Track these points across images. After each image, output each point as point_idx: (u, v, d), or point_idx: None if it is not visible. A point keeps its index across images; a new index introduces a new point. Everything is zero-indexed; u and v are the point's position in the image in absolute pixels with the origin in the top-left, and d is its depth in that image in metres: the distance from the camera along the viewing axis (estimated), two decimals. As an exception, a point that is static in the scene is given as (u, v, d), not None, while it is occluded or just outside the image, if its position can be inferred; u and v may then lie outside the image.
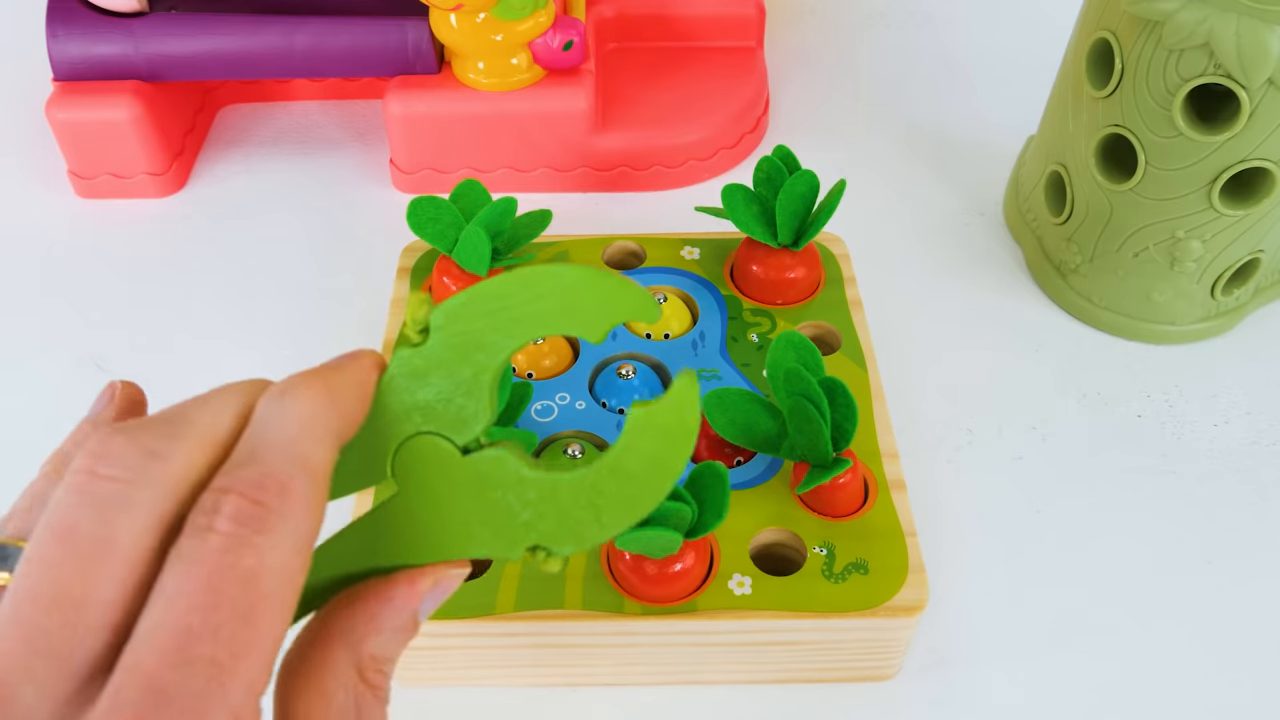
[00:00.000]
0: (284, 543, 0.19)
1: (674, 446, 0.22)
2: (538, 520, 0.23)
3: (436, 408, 0.23)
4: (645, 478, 0.23)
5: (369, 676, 0.21)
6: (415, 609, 0.22)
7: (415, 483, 0.23)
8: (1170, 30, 0.40)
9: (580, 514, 0.23)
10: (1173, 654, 0.38)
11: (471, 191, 0.43)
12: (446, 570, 0.23)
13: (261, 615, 0.18)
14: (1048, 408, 0.46)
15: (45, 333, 0.49)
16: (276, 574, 0.18)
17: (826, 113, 0.62)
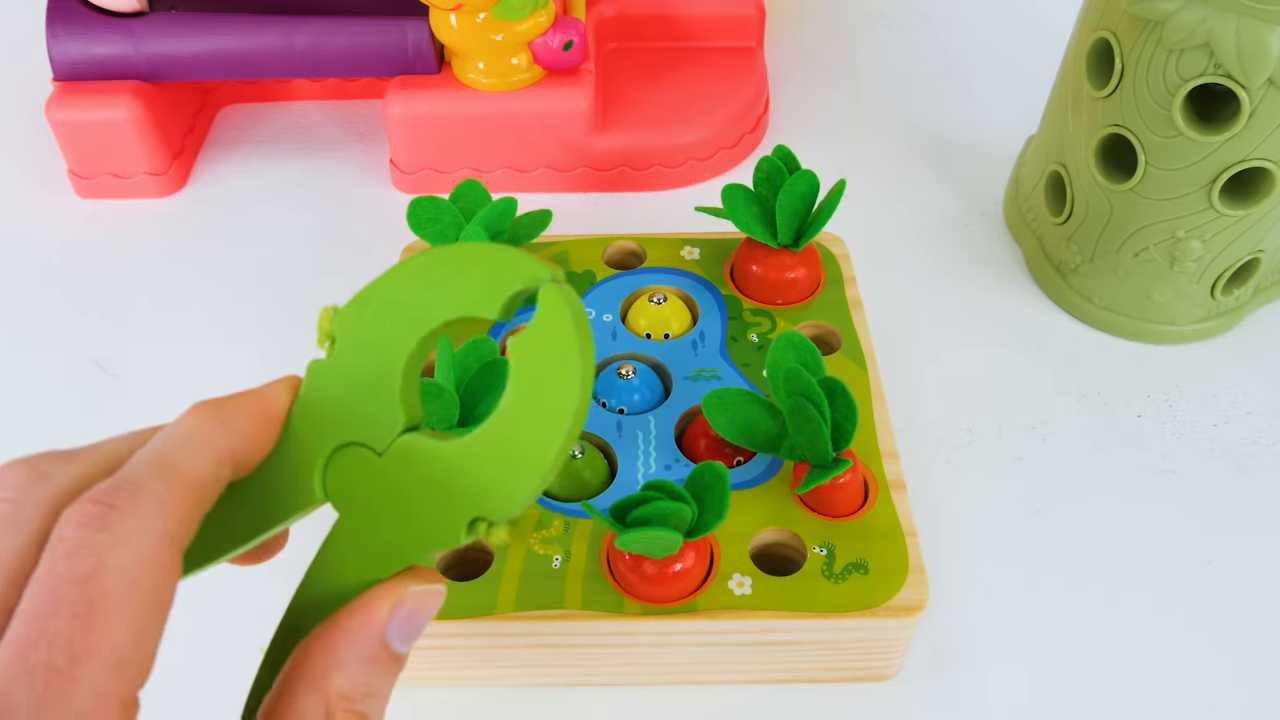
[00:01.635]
0: (130, 539, 0.18)
1: (559, 365, 0.21)
2: (466, 491, 0.22)
3: (354, 418, 0.22)
4: (544, 410, 0.21)
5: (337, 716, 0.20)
6: (379, 635, 0.21)
7: (349, 497, 0.22)
8: (1170, 30, 0.40)
9: (500, 469, 0.21)
10: (1173, 654, 0.38)
11: (471, 191, 0.43)
12: (406, 588, 0.22)
13: (101, 616, 0.17)
14: (1048, 408, 0.46)
15: (45, 333, 0.49)
16: (119, 571, 0.18)
17: (826, 113, 0.62)
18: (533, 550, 0.35)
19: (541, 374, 0.21)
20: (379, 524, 0.22)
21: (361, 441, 0.22)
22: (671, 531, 0.30)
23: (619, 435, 0.38)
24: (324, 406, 0.22)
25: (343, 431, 0.22)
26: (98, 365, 0.48)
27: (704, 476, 0.32)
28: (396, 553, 0.22)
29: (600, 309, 0.43)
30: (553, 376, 0.21)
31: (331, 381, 0.22)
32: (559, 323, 0.21)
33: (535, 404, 0.21)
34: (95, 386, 0.47)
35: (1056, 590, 0.40)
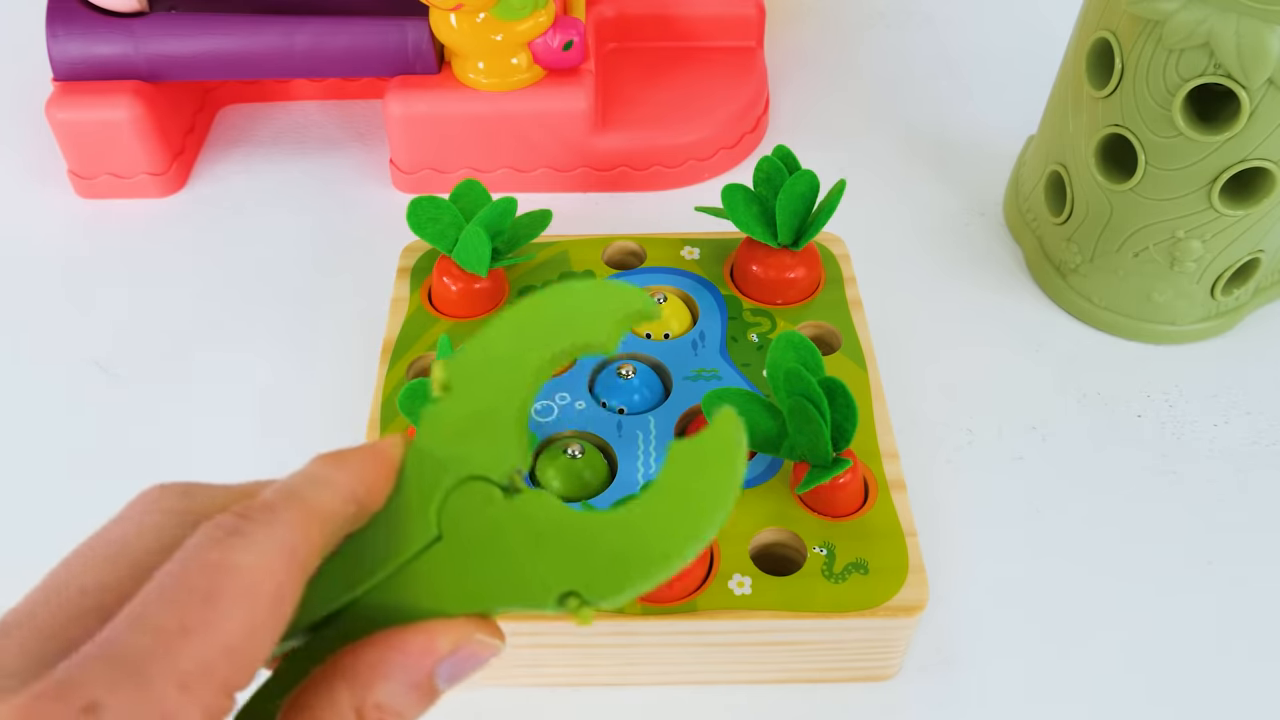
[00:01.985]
0: (257, 548, 0.19)
1: (714, 488, 0.21)
2: (572, 563, 0.22)
3: (472, 455, 0.23)
4: (683, 520, 0.21)
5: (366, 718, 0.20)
6: (430, 667, 0.21)
7: (458, 530, 0.22)
8: (1170, 30, 0.40)
9: (617, 557, 0.21)
10: (1173, 653, 0.38)
11: (471, 191, 0.43)
12: (471, 633, 0.22)
13: (221, 601, 0.18)
14: (1048, 408, 0.46)
15: (45, 333, 0.49)
16: (244, 570, 0.19)
17: (826, 113, 0.62)
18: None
19: (694, 487, 0.21)
20: (474, 563, 0.22)
21: (483, 475, 0.23)
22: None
23: (619, 435, 0.38)
24: (441, 447, 0.23)
25: (461, 467, 0.23)
26: (98, 365, 0.48)
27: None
28: (478, 596, 0.22)
29: (600, 309, 0.43)
30: (704, 494, 0.21)
31: (447, 424, 0.23)
32: (728, 449, 0.21)
33: (676, 512, 0.21)
34: (95, 386, 0.47)
35: (1056, 590, 0.40)
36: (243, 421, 0.45)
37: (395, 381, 0.40)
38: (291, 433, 0.45)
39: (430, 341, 0.42)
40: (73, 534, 0.44)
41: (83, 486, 0.43)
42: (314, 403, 0.46)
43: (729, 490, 0.21)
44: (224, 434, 0.45)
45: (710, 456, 0.21)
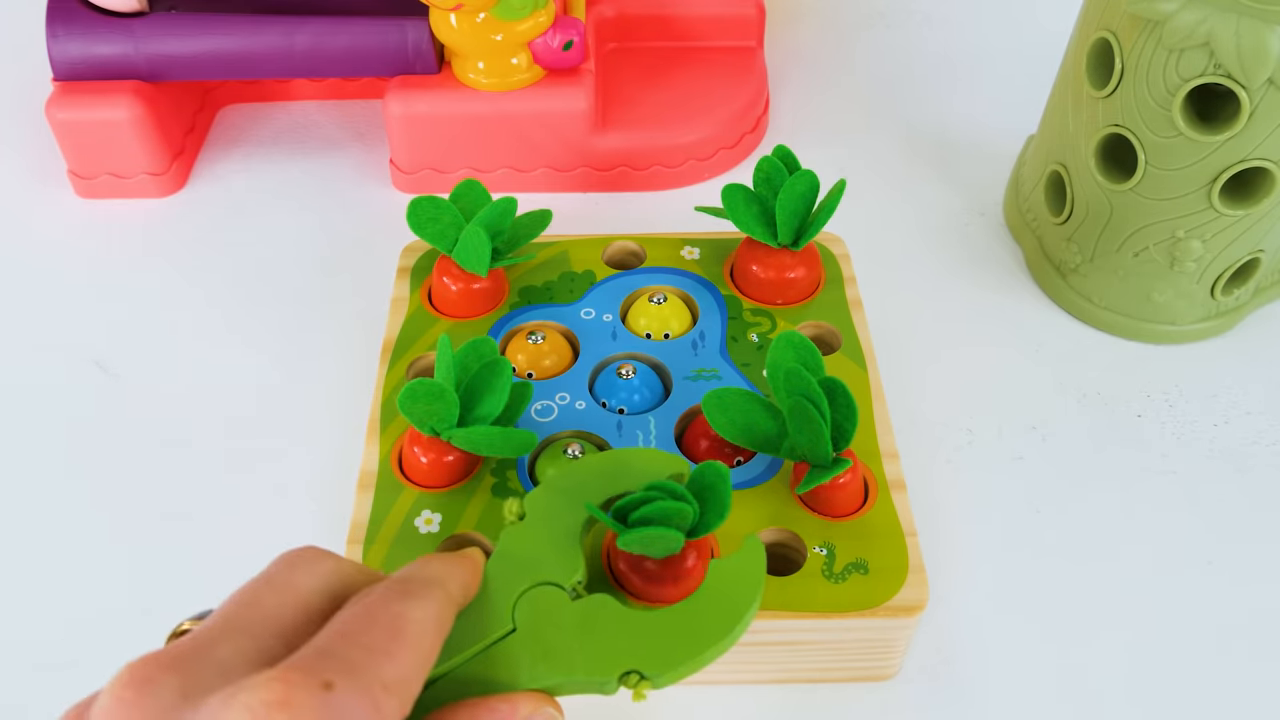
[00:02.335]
0: (421, 606, 0.25)
1: (744, 593, 0.29)
2: (631, 650, 0.28)
3: (543, 565, 0.30)
4: (721, 616, 0.29)
5: None
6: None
7: (531, 623, 0.28)
8: (1170, 30, 0.40)
9: (669, 643, 0.28)
10: (1173, 653, 0.38)
11: (471, 191, 0.43)
12: (543, 705, 0.27)
13: (402, 640, 0.24)
14: (1048, 408, 0.46)
15: (45, 333, 0.49)
16: (416, 623, 0.24)
17: (826, 113, 0.62)
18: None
19: (729, 592, 0.29)
20: (546, 649, 0.28)
21: (551, 582, 0.29)
22: (674, 531, 0.30)
23: (619, 435, 0.38)
24: (516, 560, 0.30)
25: (533, 576, 0.29)
26: (98, 365, 0.48)
27: (705, 476, 0.32)
28: (550, 674, 0.28)
29: (600, 309, 0.43)
30: (737, 598, 0.29)
31: (521, 542, 0.30)
32: (755, 567, 0.30)
33: (717, 610, 0.29)
34: (95, 386, 0.47)
35: (1056, 590, 0.40)
36: (243, 421, 0.45)
37: (395, 381, 0.40)
38: (292, 432, 0.45)
39: (430, 341, 0.42)
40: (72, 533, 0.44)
41: (82, 486, 0.43)
42: (314, 402, 0.46)
43: (756, 594, 0.29)
44: (224, 434, 0.45)
45: (742, 569, 0.30)
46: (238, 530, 0.42)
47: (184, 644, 0.23)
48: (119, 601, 0.40)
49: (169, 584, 0.40)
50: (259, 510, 0.42)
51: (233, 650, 0.23)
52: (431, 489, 0.37)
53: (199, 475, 0.43)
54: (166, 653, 0.22)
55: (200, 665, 0.22)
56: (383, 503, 0.36)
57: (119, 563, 0.41)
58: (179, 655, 0.22)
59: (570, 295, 0.44)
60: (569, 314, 0.43)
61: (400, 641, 0.24)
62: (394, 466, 0.38)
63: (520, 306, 0.43)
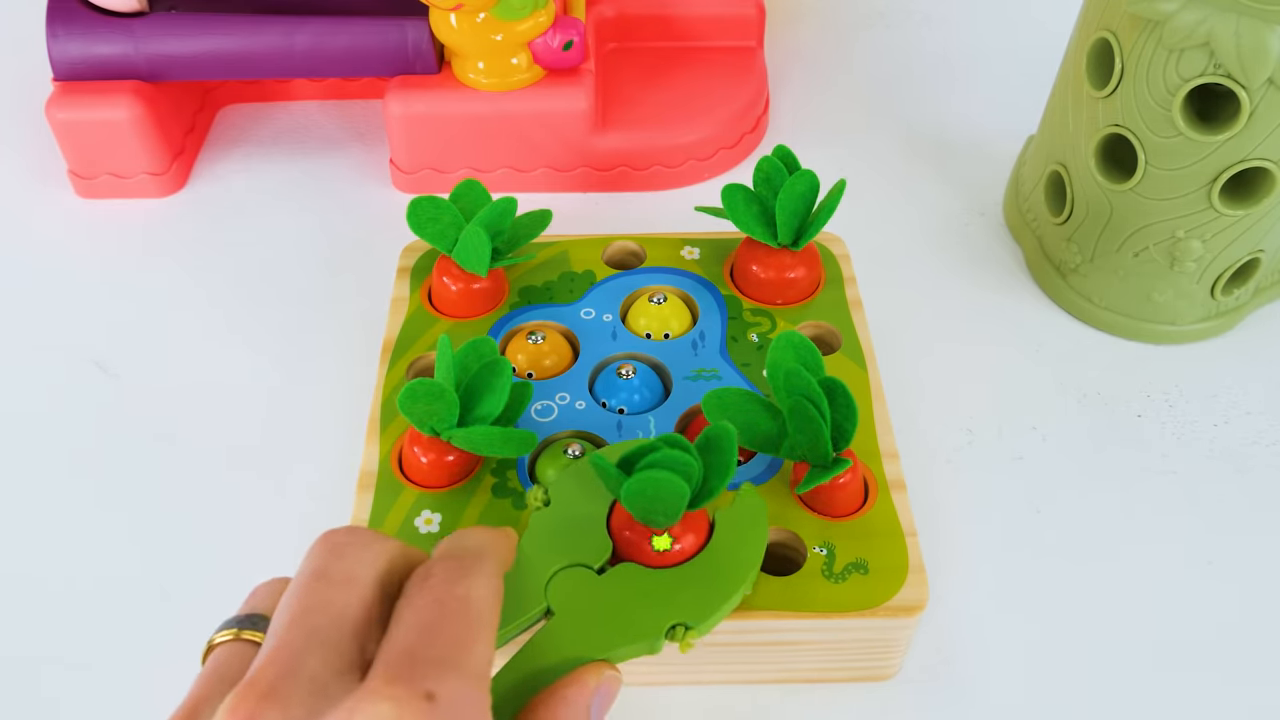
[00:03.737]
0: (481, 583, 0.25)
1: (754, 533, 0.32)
2: (670, 605, 0.30)
3: (571, 548, 0.31)
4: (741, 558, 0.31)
5: None
6: (587, 704, 0.28)
7: (567, 604, 0.30)
8: (1170, 30, 0.40)
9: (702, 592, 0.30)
10: (1173, 654, 0.38)
11: (471, 191, 0.43)
12: (604, 670, 0.28)
13: (478, 625, 0.24)
14: (1048, 408, 0.46)
15: (45, 333, 0.49)
16: (481, 600, 0.25)
17: (826, 113, 0.62)
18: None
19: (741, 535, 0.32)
20: (589, 623, 0.29)
21: (581, 563, 0.31)
22: (679, 478, 0.30)
23: (619, 435, 0.38)
24: (544, 541, 0.31)
25: (564, 557, 0.31)
26: (98, 365, 0.48)
27: (712, 437, 0.32)
28: (601, 646, 0.29)
29: (600, 309, 0.43)
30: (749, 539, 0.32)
31: (549, 526, 0.32)
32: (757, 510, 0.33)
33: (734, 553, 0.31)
34: (95, 386, 0.47)
35: (1056, 590, 0.40)
36: (243, 421, 0.45)
37: (395, 381, 0.40)
38: (292, 432, 0.45)
39: (430, 341, 0.42)
40: (72, 533, 0.44)
41: (82, 486, 0.43)
42: (314, 402, 0.46)
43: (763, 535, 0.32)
44: (224, 434, 0.45)
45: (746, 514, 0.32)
46: (238, 530, 0.42)
47: (271, 667, 0.22)
48: (120, 602, 0.40)
49: (169, 584, 0.40)
50: (259, 510, 0.42)
51: (320, 664, 0.23)
52: (431, 489, 0.37)
53: (199, 475, 0.43)
54: (261, 681, 0.22)
55: (295, 688, 0.22)
56: (383, 503, 0.36)
57: (119, 563, 0.41)
58: (273, 682, 0.22)
59: (570, 295, 0.44)
60: (569, 314, 0.43)
61: (477, 627, 0.24)
62: (394, 466, 0.38)
63: (520, 306, 0.43)
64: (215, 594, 0.40)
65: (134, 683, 0.37)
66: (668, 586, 0.30)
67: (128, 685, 0.37)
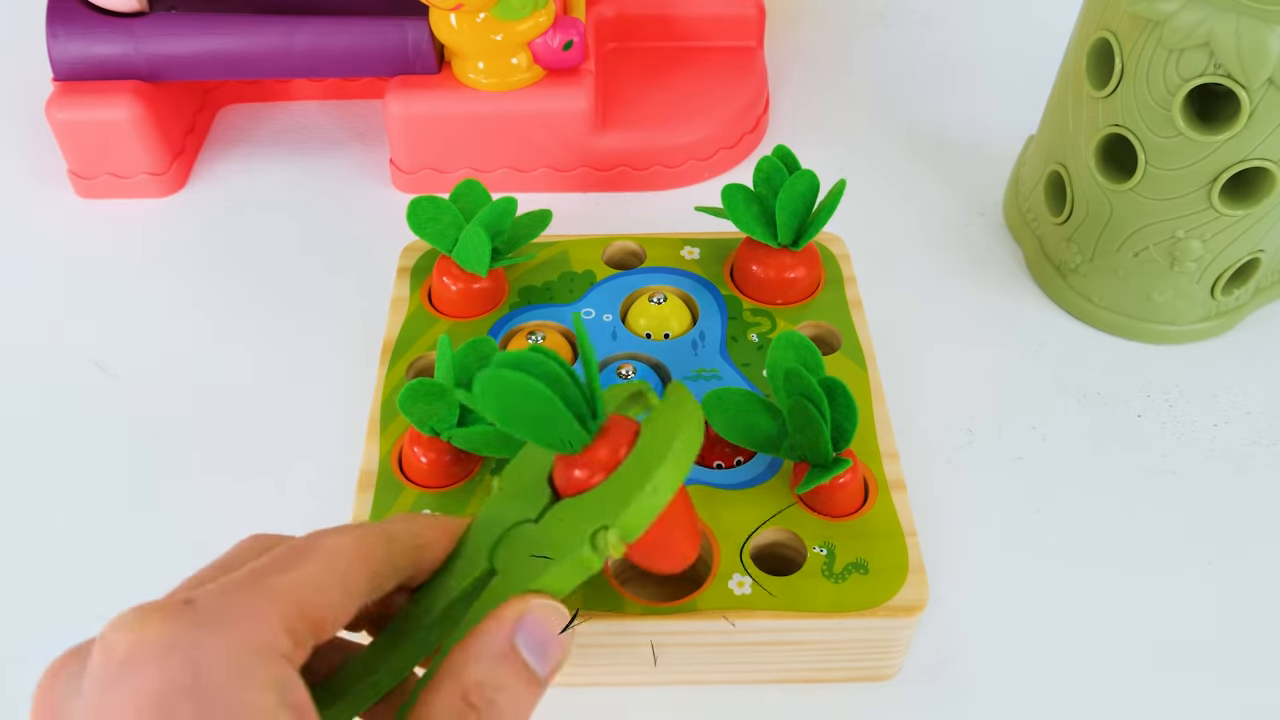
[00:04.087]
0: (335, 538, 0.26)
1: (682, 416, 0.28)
2: (591, 516, 0.27)
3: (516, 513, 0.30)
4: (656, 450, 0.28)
5: (471, 699, 0.24)
6: (507, 636, 0.26)
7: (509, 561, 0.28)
8: (1170, 30, 0.40)
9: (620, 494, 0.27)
10: (1173, 654, 0.38)
11: (471, 191, 0.43)
12: (528, 601, 0.26)
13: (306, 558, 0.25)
14: (1048, 408, 0.46)
15: (45, 333, 0.49)
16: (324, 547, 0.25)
17: (826, 113, 0.62)
18: (533, 550, 0.35)
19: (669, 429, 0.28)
20: (522, 567, 0.28)
21: (520, 520, 0.29)
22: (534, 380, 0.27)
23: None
24: (494, 516, 0.30)
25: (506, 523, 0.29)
26: (98, 365, 0.48)
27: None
28: (529, 581, 0.27)
29: (600, 309, 0.43)
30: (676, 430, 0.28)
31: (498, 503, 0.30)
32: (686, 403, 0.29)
33: (658, 452, 0.27)
34: (95, 386, 0.47)
35: (1056, 590, 0.40)
36: (243, 421, 0.45)
37: (395, 381, 0.40)
38: (292, 432, 0.45)
39: (430, 341, 0.42)
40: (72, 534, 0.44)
41: (82, 486, 0.43)
42: (314, 402, 0.46)
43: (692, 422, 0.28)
44: (224, 434, 0.45)
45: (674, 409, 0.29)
46: (238, 530, 0.41)
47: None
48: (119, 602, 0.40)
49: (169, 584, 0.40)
50: (259, 510, 0.42)
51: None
52: (431, 489, 0.37)
53: (199, 475, 0.43)
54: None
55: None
56: (383, 503, 0.36)
57: (119, 563, 0.41)
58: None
59: (570, 295, 0.44)
60: (569, 314, 0.43)
61: (302, 560, 0.24)
62: (394, 466, 0.38)
63: (520, 306, 0.43)
64: (215, 594, 0.40)
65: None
66: (592, 503, 0.28)
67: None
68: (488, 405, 0.27)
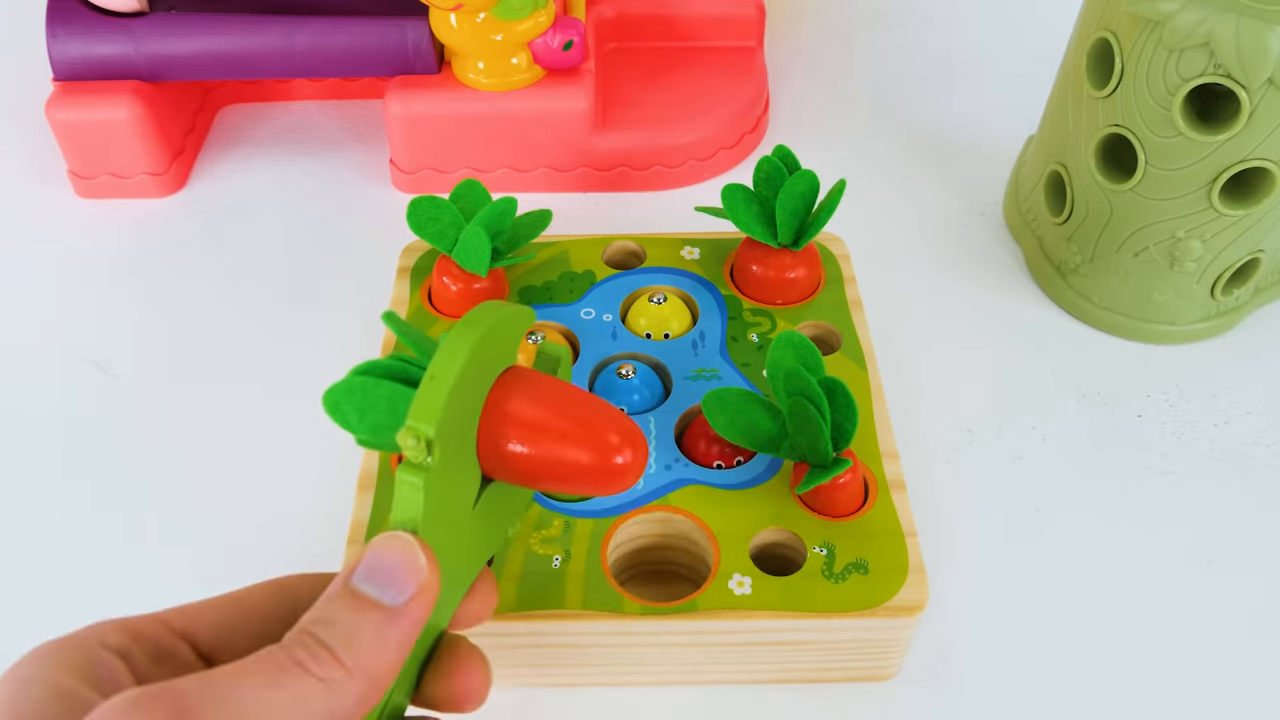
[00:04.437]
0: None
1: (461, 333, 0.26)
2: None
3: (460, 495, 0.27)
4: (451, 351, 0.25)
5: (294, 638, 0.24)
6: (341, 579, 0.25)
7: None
8: (1170, 30, 0.40)
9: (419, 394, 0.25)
10: (1173, 654, 0.38)
11: (471, 191, 0.43)
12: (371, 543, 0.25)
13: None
14: (1048, 408, 0.46)
15: (45, 333, 0.49)
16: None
17: (826, 113, 0.62)
18: (533, 550, 0.35)
19: (450, 340, 0.26)
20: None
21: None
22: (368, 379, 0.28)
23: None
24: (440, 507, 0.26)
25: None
26: (97, 365, 0.48)
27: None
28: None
29: (600, 309, 0.43)
30: (458, 336, 0.26)
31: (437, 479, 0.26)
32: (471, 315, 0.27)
33: (443, 357, 0.25)
34: (95, 386, 0.47)
35: (1056, 590, 0.40)
36: (243, 421, 0.45)
37: (395, 381, 0.40)
38: (292, 432, 0.45)
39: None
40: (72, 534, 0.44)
41: (82, 486, 0.43)
42: (314, 403, 0.46)
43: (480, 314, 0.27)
44: (224, 434, 0.45)
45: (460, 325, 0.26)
46: (238, 530, 0.42)
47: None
48: (119, 602, 0.40)
49: (169, 583, 0.40)
50: (259, 510, 0.42)
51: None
52: (431, 489, 0.37)
53: (199, 475, 0.43)
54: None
55: None
56: (383, 503, 0.36)
57: (118, 563, 0.41)
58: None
59: (570, 295, 0.44)
60: (569, 314, 0.43)
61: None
62: (394, 467, 0.38)
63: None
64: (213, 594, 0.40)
65: (134, 683, 0.37)
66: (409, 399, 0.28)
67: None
68: (344, 418, 0.28)
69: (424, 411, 0.25)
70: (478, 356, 0.26)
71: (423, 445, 0.25)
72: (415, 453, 0.25)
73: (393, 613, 0.24)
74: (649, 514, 0.36)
